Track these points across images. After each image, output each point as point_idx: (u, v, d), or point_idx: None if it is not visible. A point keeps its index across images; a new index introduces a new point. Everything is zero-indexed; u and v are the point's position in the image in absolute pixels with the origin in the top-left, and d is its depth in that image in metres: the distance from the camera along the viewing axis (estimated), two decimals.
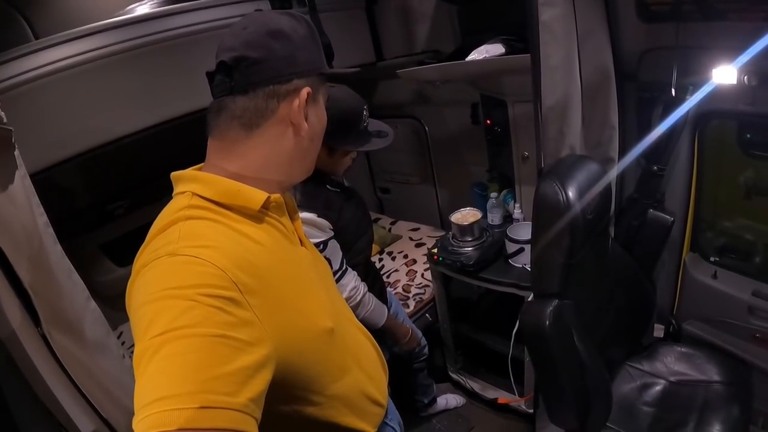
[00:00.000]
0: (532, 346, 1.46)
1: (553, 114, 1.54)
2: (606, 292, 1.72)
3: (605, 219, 1.61)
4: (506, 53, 1.75)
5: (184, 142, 2.67)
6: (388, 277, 2.74)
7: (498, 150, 2.44)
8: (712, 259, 1.94)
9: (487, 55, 1.77)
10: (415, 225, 3.19)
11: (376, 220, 3.37)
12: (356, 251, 1.67)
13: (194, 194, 0.78)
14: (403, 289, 2.62)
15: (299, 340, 0.81)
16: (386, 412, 1.12)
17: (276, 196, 0.84)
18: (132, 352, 2.12)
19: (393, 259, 2.90)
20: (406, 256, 2.88)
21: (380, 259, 2.92)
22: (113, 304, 2.73)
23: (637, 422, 1.69)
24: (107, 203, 2.58)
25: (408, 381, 2.30)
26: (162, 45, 1.72)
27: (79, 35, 1.61)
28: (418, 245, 2.96)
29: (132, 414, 0.58)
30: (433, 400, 2.48)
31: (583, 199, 1.38)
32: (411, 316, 2.46)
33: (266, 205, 0.82)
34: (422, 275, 2.69)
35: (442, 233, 2.95)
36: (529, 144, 2.05)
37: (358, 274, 1.65)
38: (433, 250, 2.28)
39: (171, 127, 1.79)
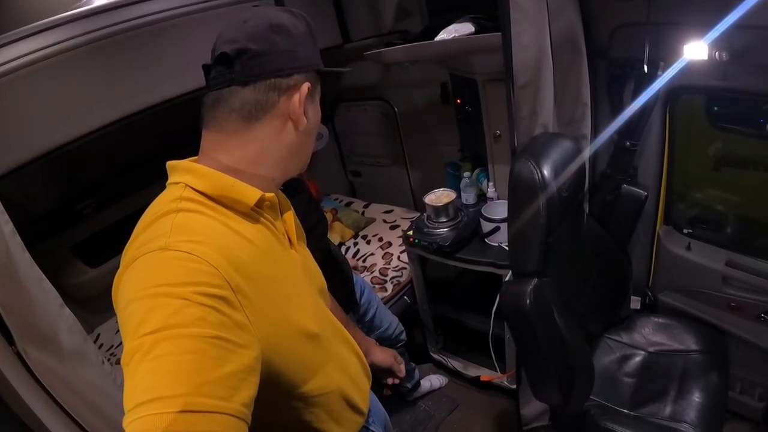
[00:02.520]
0: (513, 326, 1.46)
1: (525, 93, 1.53)
2: (583, 267, 1.74)
3: (580, 195, 1.62)
4: (476, 32, 1.73)
5: (149, 135, 2.63)
6: (364, 261, 2.73)
7: (469, 129, 2.42)
8: (685, 231, 1.98)
9: (456, 35, 1.74)
10: (389, 207, 3.17)
11: (349, 203, 3.34)
12: (311, 240, 1.66)
13: (187, 186, 0.77)
14: (380, 273, 2.61)
15: (283, 343, 0.80)
16: (368, 416, 1.13)
17: (270, 195, 0.83)
18: (111, 354, 2.08)
19: (368, 242, 2.89)
20: (381, 239, 2.86)
21: (355, 243, 2.91)
22: (89, 306, 2.70)
23: (618, 393, 1.72)
24: (75, 203, 2.51)
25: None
26: (123, 36, 1.66)
27: (33, 31, 1.53)
28: (393, 227, 2.94)
29: (115, 423, 0.57)
30: (417, 384, 2.49)
31: (559, 177, 1.38)
32: (389, 299, 2.47)
33: (260, 204, 0.82)
34: (398, 257, 2.68)
35: (416, 214, 2.95)
36: (500, 122, 2.04)
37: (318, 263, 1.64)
38: (408, 232, 2.27)
39: (136, 120, 1.73)
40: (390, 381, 1.49)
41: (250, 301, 0.71)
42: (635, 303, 2.07)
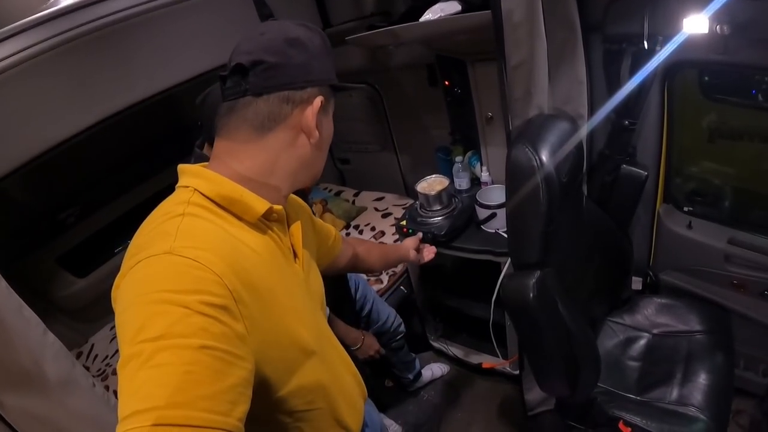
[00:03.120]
0: (517, 320, 1.41)
1: (518, 73, 1.47)
2: (584, 251, 1.69)
3: (579, 179, 1.57)
4: (462, 11, 1.65)
5: (128, 137, 2.56)
6: None
7: (459, 112, 2.36)
8: (686, 209, 1.94)
9: (442, 14, 1.66)
10: (380, 194, 3.11)
11: (339, 193, 3.29)
12: None
13: (197, 191, 0.78)
14: None
15: (278, 355, 0.80)
16: (364, 423, 1.14)
17: (279, 207, 0.84)
18: (107, 365, 2.02)
19: (360, 232, 2.83)
20: (373, 229, 2.80)
21: (347, 234, 2.84)
22: (81, 317, 2.66)
23: (624, 378, 1.71)
24: (57, 213, 2.45)
25: (390, 361, 2.27)
26: (93, 36, 1.56)
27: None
28: (385, 215, 2.88)
29: None
30: (419, 374, 2.47)
31: (558, 162, 1.33)
32: (385, 291, 2.42)
33: (267, 216, 0.83)
34: None
35: (408, 201, 2.91)
36: (492, 104, 2.00)
37: None
38: (402, 222, 2.22)
39: (112, 123, 1.65)
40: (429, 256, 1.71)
41: (249, 311, 0.71)
42: (637, 284, 2.04)
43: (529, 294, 1.29)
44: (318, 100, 0.82)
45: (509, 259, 1.86)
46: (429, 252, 1.72)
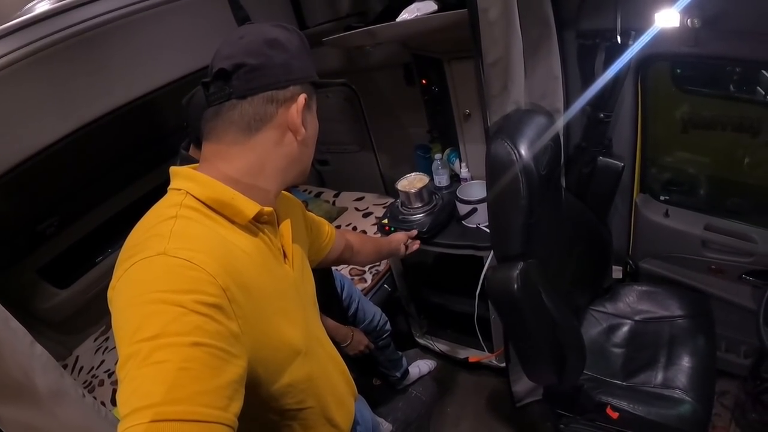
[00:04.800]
0: (502, 312, 1.44)
1: (495, 70, 1.48)
2: (565, 242, 1.72)
3: (557, 171, 1.60)
4: (439, 10, 1.67)
5: (106, 144, 2.52)
6: None
7: (437, 109, 2.37)
8: (662, 198, 1.99)
9: (419, 14, 1.68)
10: (359, 194, 3.12)
11: (319, 194, 3.28)
12: None
13: (188, 193, 0.79)
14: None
15: (269, 355, 0.82)
16: (355, 421, 1.17)
17: (269, 209, 0.85)
18: (93, 376, 1.99)
19: None
20: (354, 229, 2.80)
21: None
22: (64, 329, 2.62)
23: (609, 364, 1.74)
24: (36, 224, 2.40)
25: (377, 360, 2.28)
26: (69, 42, 1.53)
27: None
28: (366, 215, 2.89)
29: None
30: (406, 372, 2.48)
31: (536, 155, 1.35)
32: (370, 290, 2.43)
33: (258, 218, 0.84)
34: None
35: (388, 200, 2.92)
36: (469, 101, 2.02)
37: None
38: (383, 221, 2.23)
39: (93, 130, 1.63)
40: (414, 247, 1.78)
41: (243, 311, 0.72)
42: (617, 272, 2.08)
43: (513, 285, 1.31)
44: (302, 98, 0.84)
45: (491, 253, 1.89)
46: (414, 244, 1.78)
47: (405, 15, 1.71)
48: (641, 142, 1.86)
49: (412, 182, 2.18)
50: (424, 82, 2.30)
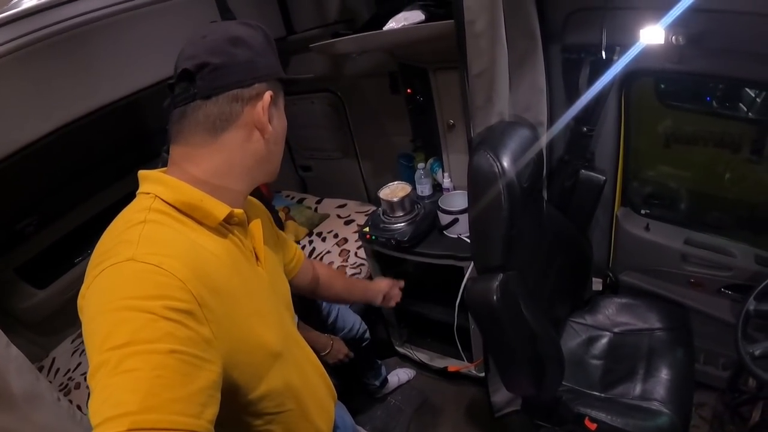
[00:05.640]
0: (481, 323, 1.44)
1: (480, 82, 1.50)
2: (546, 254, 1.73)
3: (539, 184, 1.61)
4: (426, 20, 1.68)
5: (88, 144, 2.49)
6: (321, 259, 2.67)
7: (421, 119, 2.38)
8: (643, 212, 2.00)
9: (406, 23, 1.68)
10: (342, 201, 3.12)
11: (301, 200, 3.27)
12: None
13: (157, 197, 0.78)
14: None
15: (245, 359, 0.80)
16: (335, 426, 1.16)
17: (239, 211, 0.85)
18: (69, 379, 1.95)
19: (323, 240, 2.82)
20: (336, 236, 2.80)
21: (310, 242, 2.84)
22: (41, 330, 2.57)
23: (588, 376, 1.75)
24: (15, 222, 2.36)
25: (355, 368, 2.26)
26: (52, 41, 1.51)
27: None
28: (348, 222, 2.89)
29: None
30: (385, 381, 2.47)
31: (518, 168, 1.36)
32: None
33: (228, 220, 0.83)
34: (355, 254, 2.62)
35: (371, 207, 2.92)
36: (453, 111, 2.03)
37: None
38: (364, 229, 2.22)
39: (72, 129, 1.61)
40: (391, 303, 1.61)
41: (215, 316, 0.71)
42: (597, 284, 2.09)
43: (492, 296, 1.32)
44: (267, 95, 0.83)
45: (472, 264, 1.89)
46: (392, 299, 1.63)
47: (392, 24, 1.71)
48: (623, 156, 1.87)
49: (394, 191, 2.18)
50: (409, 91, 2.30)
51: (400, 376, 2.58)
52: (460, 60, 1.46)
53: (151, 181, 0.80)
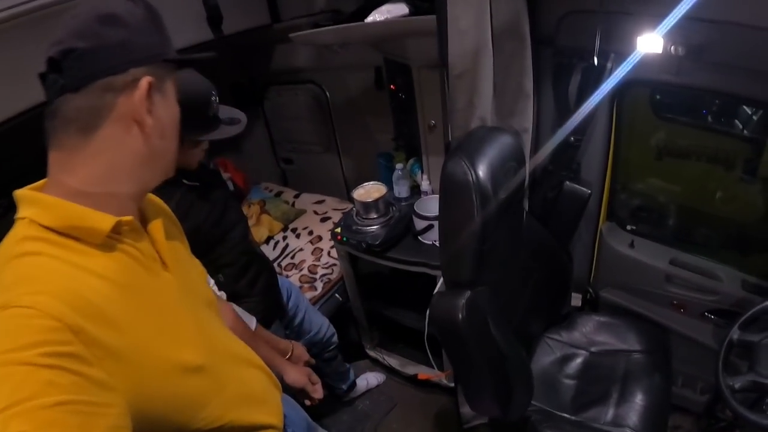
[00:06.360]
0: (445, 341, 1.36)
1: (462, 83, 1.41)
2: (522, 269, 1.66)
3: (519, 195, 1.52)
4: (410, 14, 1.59)
5: (17, 152, 2.36)
6: (293, 257, 2.61)
7: (403, 117, 2.31)
8: (628, 227, 1.94)
9: (388, 16, 1.60)
10: (320, 197, 3.05)
11: (279, 193, 3.19)
12: (225, 250, 1.54)
13: (33, 221, 0.68)
14: (309, 271, 2.49)
15: (160, 385, 0.72)
16: (285, 425, 1.06)
17: (128, 219, 0.74)
18: None
19: (298, 236, 2.75)
20: (311, 233, 2.74)
21: (284, 237, 2.77)
22: None
23: (559, 396, 1.68)
24: None
25: (322, 371, 2.20)
26: (30, 17, 1.42)
27: None
28: (324, 219, 2.82)
29: None
30: (353, 384, 2.41)
31: (495, 177, 1.27)
32: (319, 299, 2.36)
33: (117, 230, 0.73)
34: (329, 253, 2.56)
35: (348, 205, 2.85)
36: (435, 112, 1.96)
37: (234, 273, 1.56)
38: (336, 230, 2.15)
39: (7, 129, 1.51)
40: (307, 402, 1.40)
41: (108, 351, 0.63)
42: (576, 300, 2.04)
43: (458, 315, 1.23)
44: (144, 82, 0.71)
45: None
46: (313, 390, 1.40)
47: (375, 16, 1.63)
48: (612, 168, 1.80)
49: (368, 192, 2.11)
50: (392, 87, 2.23)
51: (369, 380, 2.52)
52: (440, 58, 1.38)
53: (26, 204, 0.70)
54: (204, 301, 0.95)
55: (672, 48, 1.34)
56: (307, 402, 1.40)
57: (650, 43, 1.36)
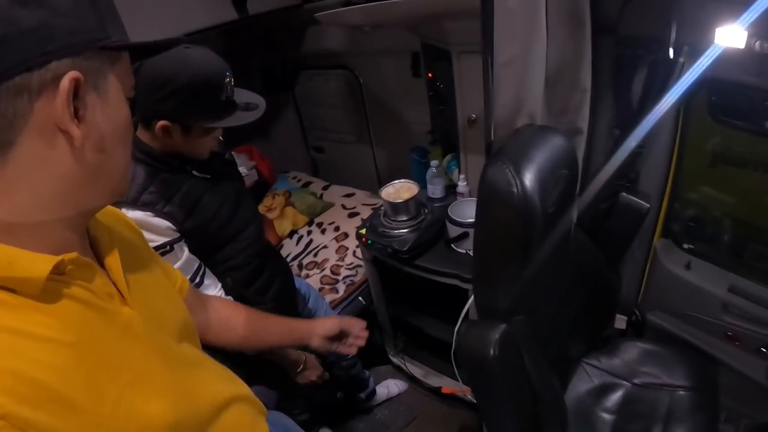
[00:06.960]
0: (472, 379, 1.18)
1: (508, 72, 1.21)
2: (566, 291, 1.47)
3: (569, 207, 1.32)
4: None
5: None
6: (315, 255, 2.47)
7: (441, 109, 2.13)
8: (686, 246, 1.72)
9: None
10: (350, 190, 2.90)
11: (307, 184, 3.07)
12: (235, 251, 1.40)
13: None
14: (332, 272, 2.35)
15: None
16: None
17: (72, 256, 0.58)
18: None
19: (323, 231, 2.62)
20: (337, 229, 2.60)
21: (309, 232, 2.65)
22: None
23: None
24: None
25: (339, 379, 2.08)
26: None
27: None
28: (352, 215, 2.67)
29: None
30: (372, 392, 2.28)
31: (544, 189, 1.08)
32: (340, 302, 2.23)
33: (60, 271, 0.57)
34: (354, 253, 2.42)
35: (379, 201, 2.69)
36: (476, 104, 1.75)
37: (244, 277, 1.42)
38: (361, 231, 1.99)
39: None
40: (352, 349, 1.31)
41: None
42: (620, 322, 1.84)
43: (489, 351, 1.06)
44: (67, 79, 0.51)
45: None
46: (350, 345, 1.31)
47: None
48: (673, 180, 1.59)
49: (398, 191, 1.93)
50: (430, 75, 2.06)
51: (390, 387, 2.39)
52: (484, 42, 1.18)
53: None
54: (176, 332, 0.78)
55: (757, 44, 1.12)
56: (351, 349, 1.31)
57: (731, 36, 1.13)
